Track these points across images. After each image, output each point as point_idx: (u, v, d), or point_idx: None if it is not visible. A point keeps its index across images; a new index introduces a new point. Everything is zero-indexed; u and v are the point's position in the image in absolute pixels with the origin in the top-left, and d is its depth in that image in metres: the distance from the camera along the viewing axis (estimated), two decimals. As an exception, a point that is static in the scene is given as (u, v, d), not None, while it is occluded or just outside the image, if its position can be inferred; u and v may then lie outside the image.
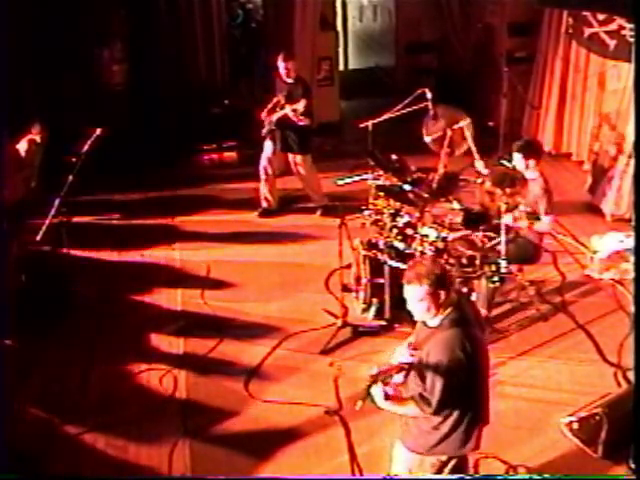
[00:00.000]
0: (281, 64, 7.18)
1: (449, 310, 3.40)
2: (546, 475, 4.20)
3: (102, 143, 6.41)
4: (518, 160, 5.67)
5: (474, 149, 6.26)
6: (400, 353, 3.59)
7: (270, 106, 7.36)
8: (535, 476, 4.23)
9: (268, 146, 7.53)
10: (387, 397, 3.39)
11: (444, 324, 3.39)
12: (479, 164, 6.20)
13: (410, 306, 3.44)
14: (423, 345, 3.44)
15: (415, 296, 3.37)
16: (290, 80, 7.24)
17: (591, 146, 8.02)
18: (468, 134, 6.27)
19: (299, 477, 4.52)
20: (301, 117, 7.12)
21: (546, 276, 6.42)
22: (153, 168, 8.45)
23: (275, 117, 7.26)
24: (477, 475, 4.25)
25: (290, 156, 7.49)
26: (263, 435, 4.86)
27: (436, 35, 10.40)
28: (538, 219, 5.64)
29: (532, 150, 5.70)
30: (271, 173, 7.61)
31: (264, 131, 7.42)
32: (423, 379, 3.37)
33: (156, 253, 7.12)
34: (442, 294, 3.35)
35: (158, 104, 8.95)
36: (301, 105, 7.05)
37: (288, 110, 7.13)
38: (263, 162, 7.60)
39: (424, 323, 3.50)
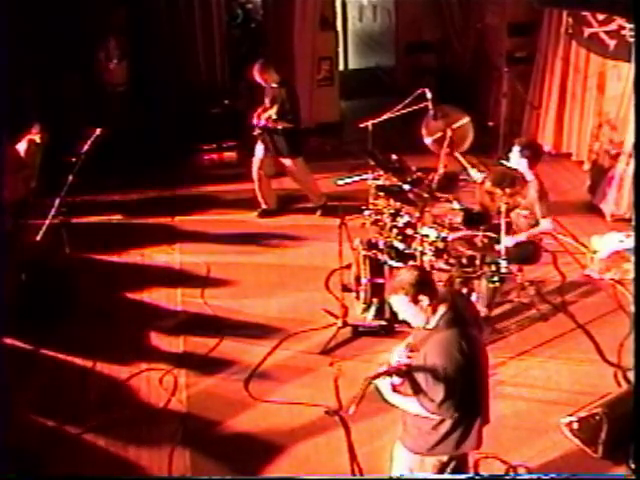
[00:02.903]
0: (257, 76, 7.17)
1: (444, 310, 3.40)
2: (552, 475, 4.20)
3: (102, 143, 6.41)
4: (515, 153, 5.69)
5: (463, 160, 6.27)
6: (398, 353, 3.59)
7: (259, 110, 7.36)
8: (542, 476, 4.23)
9: (259, 149, 7.53)
10: (394, 390, 3.41)
11: (440, 325, 3.39)
12: (473, 172, 6.20)
13: (401, 316, 3.50)
14: (421, 347, 3.44)
15: (398, 307, 3.44)
16: (274, 85, 7.23)
17: (591, 146, 8.02)
18: (469, 133, 6.29)
19: (299, 477, 4.52)
20: (277, 122, 7.12)
21: (546, 276, 6.42)
22: (153, 168, 8.45)
23: (261, 122, 7.27)
24: (484, 475, 4.25)
25: (281, 159, 7.49)
26: (263, 435, 4.86)
27: (436, 35, 10.39)
28: (536, 224, 5.65)
29: (531, 151, 5.70)
30: (263, 175, 7.61)
31: (254, 134, 7.42)
32: (422, 382, 3.37)
33: (156, 253, 7.12)
34: (424, 299, 3.37)
35: (158, 104, 8.95)
36: (273, 112, 7.08)
37: (263, 117, 7.17)
38: (255, 165, 7.60)
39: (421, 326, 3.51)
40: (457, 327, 3.36)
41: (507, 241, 5.47)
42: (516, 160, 5.69)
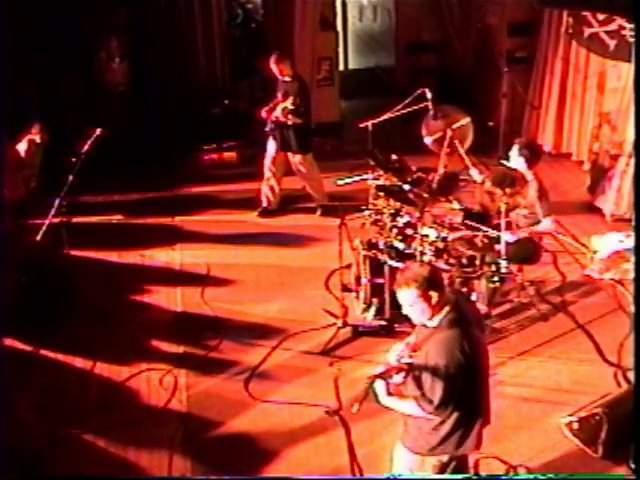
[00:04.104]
0: (273, 66, 7.19)
1: (447, 310, 3.40)
2: (550, 475, 4.19)
3: (102, 143, 6.41)
4: (514, 152, 5.69)
5: (466, 158, 6.28)
6: (396, 351, 3.59)
7: (271, 105, 7.36)
8: (539, 476, 4.23)
9: (271, 145, 7.54)
10: (390, 394, 3.40)
11: (443, 324, 3.39)
12: (474, 172, 6.20)
13: (405, 311, 3.47)
14: (422, 346, 3.44)
15: (406, 300, 3.41)
16: (287, 79, 7.25)
17: (591, 146, 8.02)
18: (469, 133, 6.29)
19: (299, 477, 4.52)
20: (289, 116, 7.12)
21: (546, 276, 6.42)
22: (153, 168, 8.45)
23: (273, 116, 7.28)
24: (480, 475, 4.25)
25: (290, 155, 7.49)
26: (263, 435, 4.86)
27: (436, 35, 10.40)
28: (539, 222, 5.65)
29: (529, 151, 5.71)
30: (275, 172, 7.61)
31: (266, 130, 7.43)
32: (422, 380, 3.37)
33: (156, 253, 7.12)
34: (434, 295, 3.36)
35: (158, 104, 8.95)
36: (288, 103, 7.06)
37: (278, 109, 7.15)
38: (267, 161, 7.61)
39: (424, 324, 3.50)
40: (460, 327, 3.36)
41: (508, 237, 5.47)
42: (515, 159, 5.70)
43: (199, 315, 6.17)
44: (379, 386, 3.40)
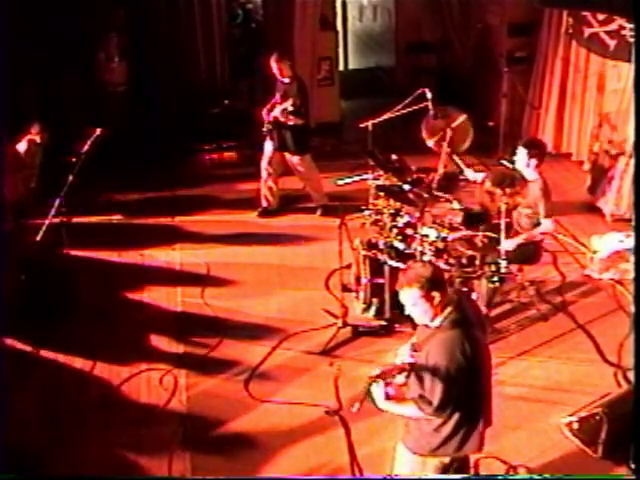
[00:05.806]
0: (274, 65, 7.19)
1: (449, 311, 3.40)
2: (546, 475, 4.20)
3: (102, 143, 6.41)
4: (522, 154, 5.65)
5: (458, 161, 6.26)
6: (403, 354, 3.58)
7: (269, 106, 7.37)
8: (535, 476, 4.23)
9: (268, 146, 7.54)
10: (387, 397, 3.40)
11: (444, 325, 3.39)
12: (468, 172, 6.19)
13: (407, 311, 3.47)
14: (424, 346, 3.44)
15: (408, 300, 3.41)
16: (286, 80, 7.25)
17: (591, 146, 8.02)
18: (469, 132, 6.30)
19: (299, 477, 4.52)
20: (290, 117, 7.12)
21: (546, 276, 6.42)
22: (153, 168, 8.45)
23: (271, 117, 7.28)
24: (478, 475, 4.25)
25: (287, 156, 7.50)
26: (263, 435, 4.86)
27: (436, 35, 10.40)
28: (539, 224, 5.64)
29: (538, 150, 5.68)
30: (272, 172, 7.62)
31: (264, 130, 7.43)
32: (423, 380, 3.37)
33: (156, 253, 7.12)
34: (436, 296, 3.35)
35: (158, 104, 8.95)
36: (288, 104, 7.06)
37: (278, 110, 7.15)
38: (264, 162, 7.61)
39: (425, 324, 3.50)
40: (461, 328, 3.36)
41: (507, 245, 5.45)
42: (524, 161, 5.62)
43: (199, 315, 6.17)
44: (377, 390, 3.40)
